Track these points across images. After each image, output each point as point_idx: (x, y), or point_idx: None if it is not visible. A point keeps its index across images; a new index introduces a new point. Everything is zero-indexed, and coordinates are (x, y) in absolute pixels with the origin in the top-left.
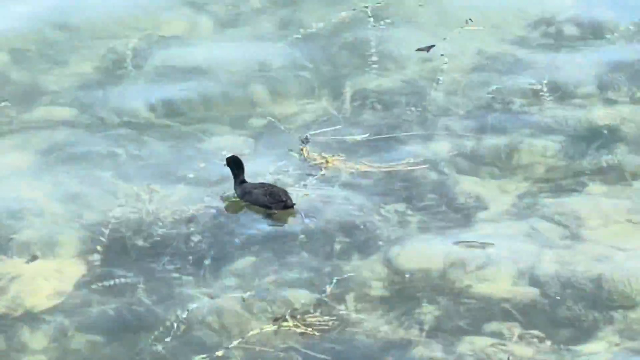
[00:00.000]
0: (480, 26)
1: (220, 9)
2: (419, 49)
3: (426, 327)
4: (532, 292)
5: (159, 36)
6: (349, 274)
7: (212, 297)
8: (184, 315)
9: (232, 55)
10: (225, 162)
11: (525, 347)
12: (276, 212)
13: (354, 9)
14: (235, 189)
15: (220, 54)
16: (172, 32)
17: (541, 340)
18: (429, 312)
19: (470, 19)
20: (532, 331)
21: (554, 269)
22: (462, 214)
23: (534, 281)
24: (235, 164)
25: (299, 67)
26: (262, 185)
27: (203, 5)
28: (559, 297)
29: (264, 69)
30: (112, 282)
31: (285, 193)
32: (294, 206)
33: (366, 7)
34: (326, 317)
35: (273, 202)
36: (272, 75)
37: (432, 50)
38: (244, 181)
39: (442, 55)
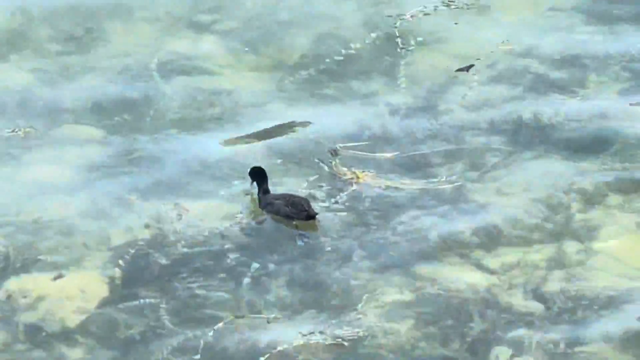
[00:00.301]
0: (514, 45)
1: (240, 30)
2: (459, 69)
3: (454, 339)
4: (549, 304)
5: (181, 53)
6: (378, 291)
7: (240, 316)
8: (211, 333)
9: (254, 71)
10: (248, 173)
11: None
12: (297, 222)
13: (380, 29)
14: (258, 199)
15: (245, 70)
16: (195, 50)
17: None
18: (457, 325)
19: (507, 39)
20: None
21: (566, 283)
22: (488, 230)
23: (550, 293)
24: (257, 175)
25: (327, 84)
26: (284, 195)
27: (226, 27)
28: (572, 309)
29: (284, 89)
30: (139, 301)
31: (307, 202)
32: (317, 216)
33: (396, 26)
34: (356, 330)
35: (295, 212)
36: (299, 92)
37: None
38: (267, 191)
39: (473, 74)
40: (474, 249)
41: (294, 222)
